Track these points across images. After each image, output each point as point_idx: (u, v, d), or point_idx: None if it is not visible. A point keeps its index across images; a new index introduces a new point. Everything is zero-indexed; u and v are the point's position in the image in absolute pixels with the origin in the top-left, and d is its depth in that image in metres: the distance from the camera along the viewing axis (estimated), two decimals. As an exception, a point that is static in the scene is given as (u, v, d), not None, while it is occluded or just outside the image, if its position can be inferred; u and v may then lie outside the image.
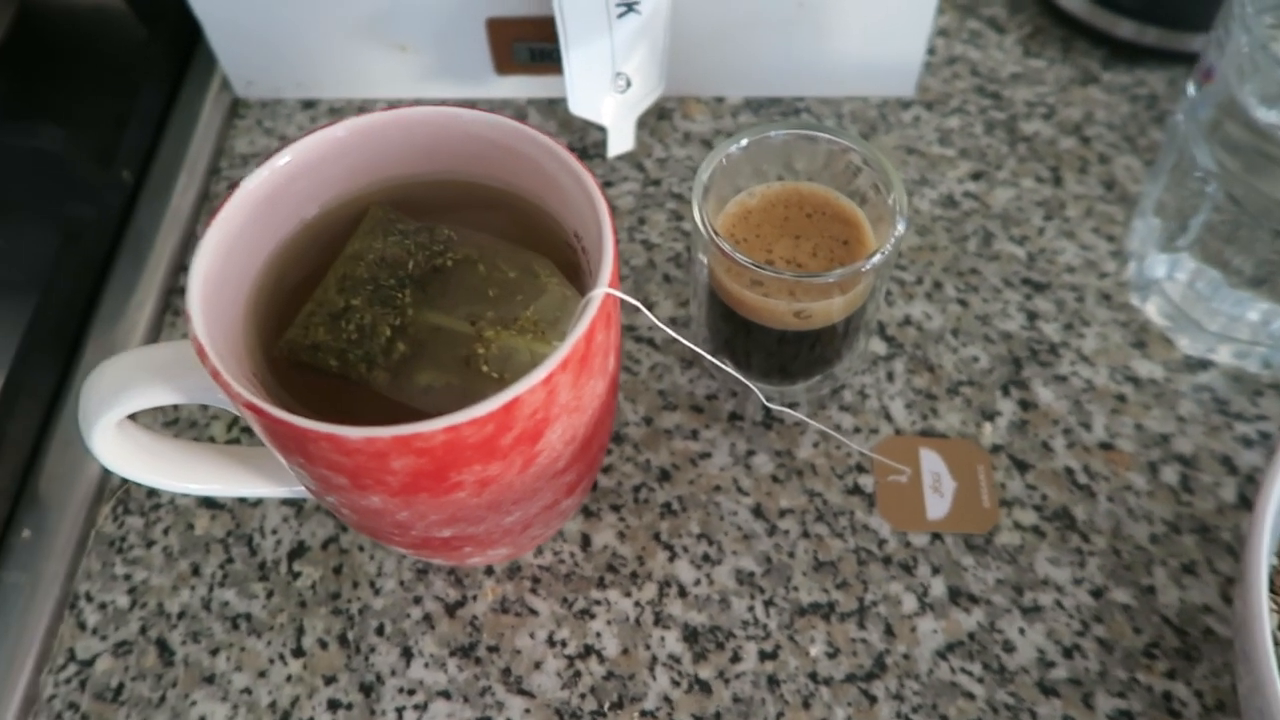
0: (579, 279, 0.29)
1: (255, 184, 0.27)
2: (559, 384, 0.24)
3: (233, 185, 0.26)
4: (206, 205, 0.45)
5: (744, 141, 0.33)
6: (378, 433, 0.23)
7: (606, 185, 0.44)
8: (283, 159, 0.27)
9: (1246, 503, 0.35)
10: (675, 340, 0.40)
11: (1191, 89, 0.36)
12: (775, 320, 0.34)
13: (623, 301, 0.26)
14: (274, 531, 0.35)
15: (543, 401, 0.24)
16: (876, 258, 0.32)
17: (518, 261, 0.29)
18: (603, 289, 0.25)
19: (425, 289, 0.28)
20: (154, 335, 0.40)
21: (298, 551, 0.35)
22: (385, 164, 0.30)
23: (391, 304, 0.28)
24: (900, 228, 0.32)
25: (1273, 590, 0.28)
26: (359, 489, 0.25)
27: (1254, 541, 0.26)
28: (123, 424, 0.27)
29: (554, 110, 0.47)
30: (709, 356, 0.31)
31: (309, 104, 0.48)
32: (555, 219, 0.29)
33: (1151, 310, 0.40)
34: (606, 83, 0.43)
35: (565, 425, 0.26)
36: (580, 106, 0.42)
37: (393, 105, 0.48)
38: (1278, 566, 0.29)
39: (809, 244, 0.34)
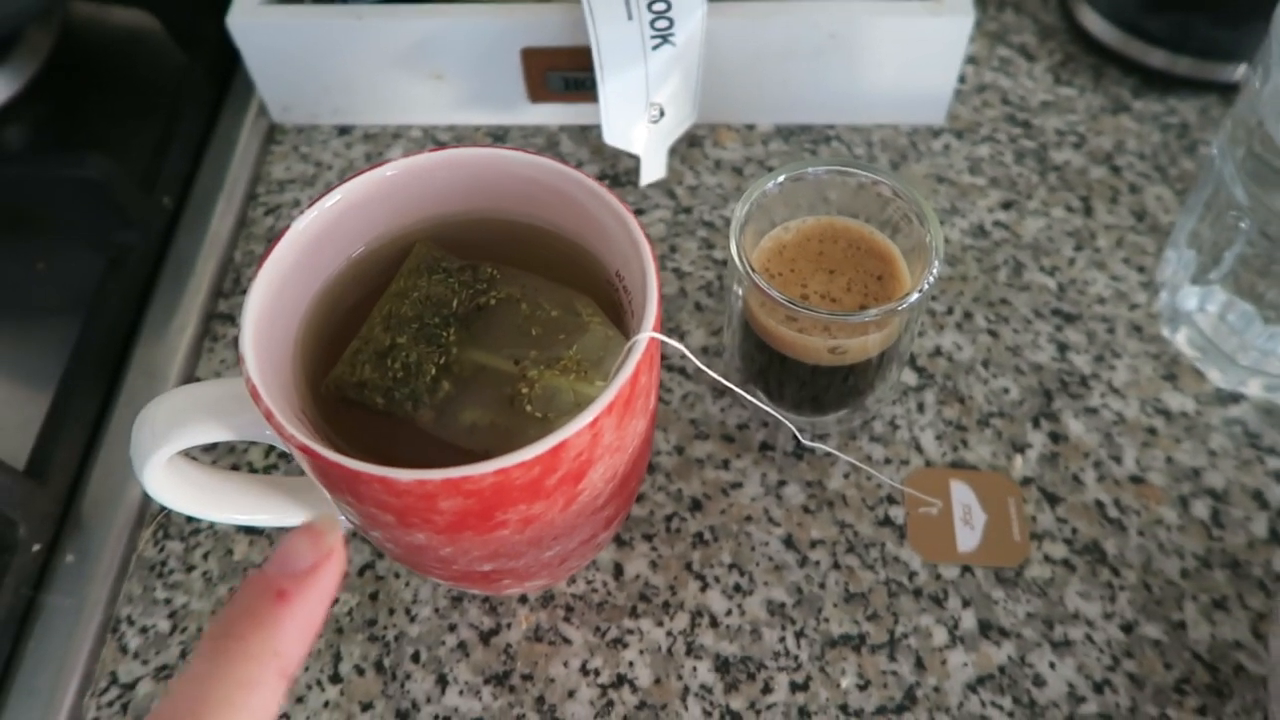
0: (620, 318, 0.29)
1: (305, 224, 0.28)
2: (604, 427, 0.25)
3: (283, 228, 0.27)
4: (244, 230, 0.45)
5: (780, 178, 0.34)
6: (429, 475, 0.23)
7: (638, 213, 0.45)
8: (332, 199, 0.28)
9: (1278, 538, 0.35)
10: (707, 366, 0.40)
11: (1228, 124, 0.36)
12: (810, 355, 0.34)
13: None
14: (313, 557, 0.36)
15: (588, 444, 0.25)
16: (913, 297, 0.32)
17: (560, 300, 0.29)
18: (647, 333, 0.25)
19: (469, 327, 0.29)
20: (194, 359, 0.41)
21: (336, 577, 0.35)
22: (431, 202, 0.30)
23: (436, 342, 0.28)
24: (936, 267, 0.32)
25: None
26: (405, 526, 0.26)
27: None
28: (173, 459, 0.28)
29: (586, 137, 0.47)
30: (741, 392, 0.32)
31: (344, 129, 0.49)
32: (597, 258, 0.30)
33: (1182, 342, 0.40)
34: (640, 113, 0.43)
35: (607, 465, 0.27)
36: (615, 137, 0.43)
37: (427, 131, 0.49)
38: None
39: (843, 279, 0.35)
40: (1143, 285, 0.42)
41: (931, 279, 0.32)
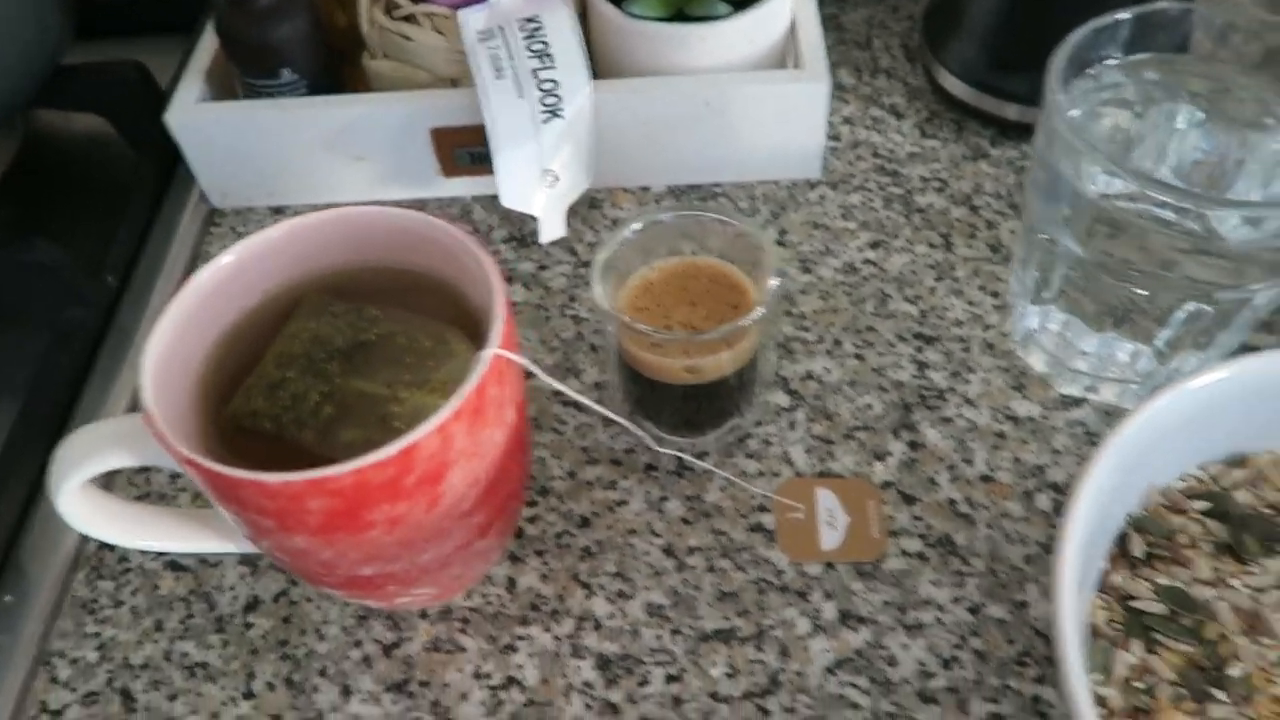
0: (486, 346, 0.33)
1: (204, 278, 0.32)
2: (453, 432, 0.29)
3: (184, 282, 0.31)
4: (183, 303, 0.50)
5: (637, 225, 0.38)
6: (293, 477, 0.27)
7: (542, 269, 0.49)
8: (226, 258, 0.32)
9: (1115, 525, 0.39)
10: (599, 401, 0.44)
11: (1031, 164, 0.40)
12: (670, 375, 0.38)
13: (558, 369, 0.31)
14: (231, 588, 0.39)
15: (439, 447, 0.28)
16: (757, 312, 0.36)
17: (433, 333, 0.33)
18: (492, 349, 0.29)
19: (352, 360, 0.33)
20: (133, 419, 0.45)
21: (252, 605, 0.38)
22: (322, 256, 0.35)
23: (322, 374, 0.32)
24: (774, 283, 0.36)
25: (1103, 590, 0.32)
26: (285, 530, 0.29)
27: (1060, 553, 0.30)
28: (86, 488, 0.32)
29: (495, 205, 0.52)
30: (585, 401, 0.35)
31: (278, 210, 0.53)
32: (465, 295, 0.34)
33: (1033, 359, 0.44)
34: (535, 179, 0.48)
35: (465, 469, 0.30)
36: (511, 199, 0.48)
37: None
38: (1106, 570, 0.32)
39: (703, 310, 0.39)
40: (996, 308, 0.46)
41: (770, 293, 0.36)
